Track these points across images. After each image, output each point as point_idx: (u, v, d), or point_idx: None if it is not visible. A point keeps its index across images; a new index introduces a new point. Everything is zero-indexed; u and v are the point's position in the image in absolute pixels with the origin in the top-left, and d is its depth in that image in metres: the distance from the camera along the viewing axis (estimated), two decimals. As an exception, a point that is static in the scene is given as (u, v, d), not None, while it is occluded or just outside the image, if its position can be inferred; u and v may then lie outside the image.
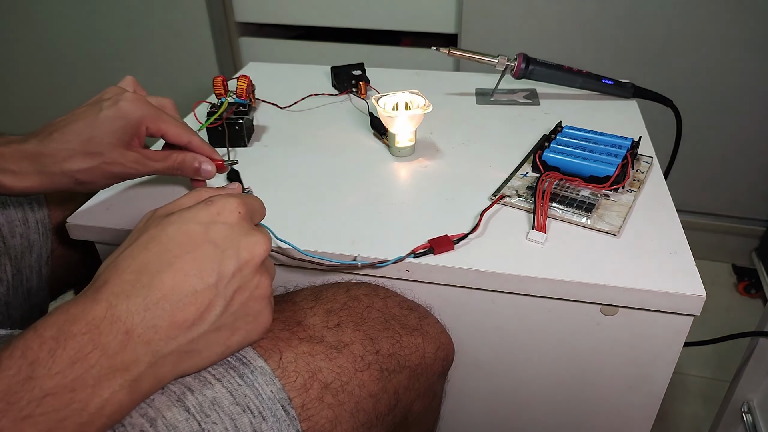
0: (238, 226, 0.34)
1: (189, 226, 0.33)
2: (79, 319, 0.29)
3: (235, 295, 0.33)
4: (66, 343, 0.28)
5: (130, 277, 0.31)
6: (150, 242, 0.32)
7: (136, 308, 0.30)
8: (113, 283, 0.30)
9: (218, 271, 0.32)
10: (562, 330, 0.50)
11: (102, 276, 0.31)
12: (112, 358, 0.29)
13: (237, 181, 0.59)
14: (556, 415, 0.57)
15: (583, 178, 0.56)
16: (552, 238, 0.51)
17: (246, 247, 0.33)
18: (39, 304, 0.58)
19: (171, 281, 0.31)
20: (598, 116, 0.72)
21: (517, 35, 1.20)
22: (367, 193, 0.58)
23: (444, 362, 0.50)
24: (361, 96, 0.78)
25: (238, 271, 0.33)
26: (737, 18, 1.08)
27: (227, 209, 0.34)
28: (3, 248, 0.53)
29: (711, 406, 1.03)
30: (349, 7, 1.30)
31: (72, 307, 0.29)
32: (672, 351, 0.49)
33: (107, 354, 0.28)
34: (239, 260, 0.33)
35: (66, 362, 0.27)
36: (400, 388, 0.44)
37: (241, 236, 0.34)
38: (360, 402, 0.40)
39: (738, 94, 1.15)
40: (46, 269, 0.58)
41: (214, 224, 0.33)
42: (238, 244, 0.33)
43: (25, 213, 0.56)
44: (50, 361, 0.27)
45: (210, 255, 0.32)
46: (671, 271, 0.47)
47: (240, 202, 0.35)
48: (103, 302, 0.29)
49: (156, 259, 0.31)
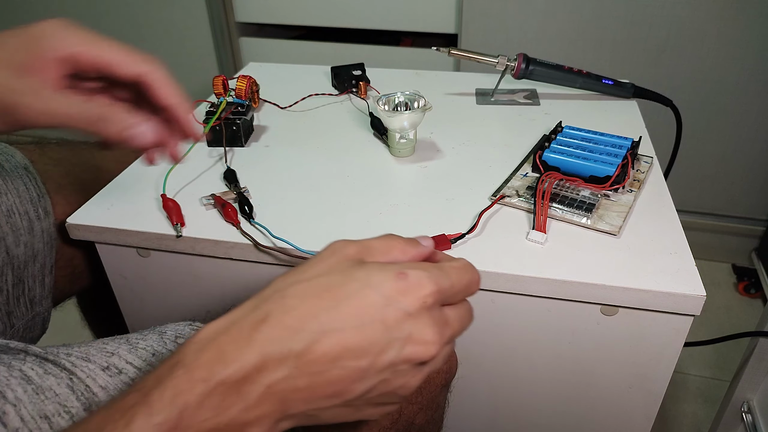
0: (417, 316, 0.29)
1: (370, 294, 0.29)
2: (231, 362, 0.26)
3: (378, 385, 0.29)
4: (215, 390, 0.26)
5: (293, 322, 0.28)
6: (326, 292, 0.29)
7: (286, 362, 0.27)
8: (274, 324, 0.27)
9: (375, 355, 0.28)
10: (562, 330, 0.50)
11: (265, 305, 0.28)
12: (247, 412, 0.27)
13: (233, 180, 0.58)
14: (556, 414, 0.57)
15: (583, 178, 0.56)
16: (552, 238, 0.51)
17: (415, 341, 0.29)
18: (41, 313, 0.58)
19: (327, 348, 0.28)
20: (598, 116, 0.72)
21: (517, 35, 1.20)
22: (367, 193, 0.58)
23: (447, 374, 0.49)
24: (362, 96, 0.78)
25: (393, 364, 0.29)
26: (737, 18, 1.08)
27: (415, 294, 0.29)
28: (6, 258, 0.52)
29: (711, 406, 1.03)
30: (349, 7, 1.30)
31: (225, 344, 0.27)
32: (672, 351, 0.49)
33: (245, 407, 0.26)
34: (400, 354, 0.29)
35: (211, 412, 0.26)
36: (403, 402, 0.44)
37: (415, 328, 0.29)
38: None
39: (738, 94, 1.15)
40: (50, 278, 0.58)
41: (394, 305, 0.29)
42: (409, 334, 0.29)
43: (31, 222, 0.55)
44: (197, 411, 0.25)
45: (375, 338, 0.28)
46: (671, 271, 0.47)
47: (433, 290, 0.29)
48: (257, 346, 0.27)
49: (324, 315, 0.28)
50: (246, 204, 0.54)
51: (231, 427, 0.26)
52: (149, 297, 0.60)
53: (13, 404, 0.33)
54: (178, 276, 0.57)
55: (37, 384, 0.35)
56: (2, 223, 0.52)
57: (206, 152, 0.66)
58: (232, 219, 0.53)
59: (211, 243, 0.52)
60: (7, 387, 0.34)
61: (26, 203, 0.55)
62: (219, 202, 0.55)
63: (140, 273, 0.58)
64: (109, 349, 0.39)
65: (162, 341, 0.40)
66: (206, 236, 0.52)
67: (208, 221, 0.54)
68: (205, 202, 0.56)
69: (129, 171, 0.63)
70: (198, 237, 0.52)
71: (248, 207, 0.54)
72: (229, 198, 0.56)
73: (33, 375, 0.35)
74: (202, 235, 0.52)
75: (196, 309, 0.59)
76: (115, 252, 0.57)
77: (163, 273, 0.57)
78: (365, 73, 0.81)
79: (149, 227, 0.53)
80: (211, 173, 0.61)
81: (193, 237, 0.52)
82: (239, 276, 0.55)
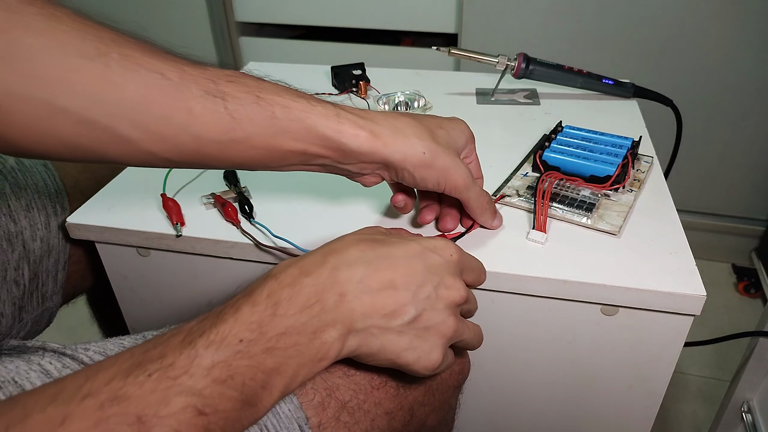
0: (447, 264, 0.37)
1: (410, 243, 0.37)
2: (310, 273, 0.33)
3: (423, 313, 0.35)
4: (300, 292, 0.32)
5: (355, 251, 0.35)
6: (375, 241, 0.36)
7: (353, 278, 0.34)
8: (341, 252, 0.35)
9: (418, 285, 0.35)
10: (562, 330, 0.50)
11: (332, 245, 0.36)
12: (328, 313, 0.32)
13: (234, 180, 0.59)
14: (556, 415, 0.57)
15: (583, 177, 0.56)
16: (552, 238, 0.51)
17: (446, 284, 0.36)
18: (51, 308, 0.58)
19: (384, 270, 0.34)
20: (599, 116, 0.72)
21: (517, 35, 1.20)
22: (367, 192, 0.58)
23: (460, 376, 0.49)
24: (362, 96, 0.78)
25: (432, 298, 0.35)
26: (737, 18, 1.08)
27: (446, 249, 0.37)
28: (23, 252, 0.52)
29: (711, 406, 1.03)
30: (349, 7, 1.30)
31: (304, 264, 0.34)
32: (672, 351, 0.49)
33: (325, 309, 0.32)
34: (437, 290, 0.36)
35: (297, 308, 0.32)
36: (416, 404, 0.43)
37: (447, 273, 0.36)
38: (375, 420, 0.40)
39: (738, 94, 1.15)
40: (62, 274, 0.58)
41: (431, 252, 0.37)
42: (442, 277, 0.36)
43: (48, 217, 0.55)
44: (288, 305, 0.31)
45: (418, 270, 0.35)
46: (671, 271, 0.47)
47: (458, 250, 0.38)
48: (329, 264, 0.34)
49: (378, 247, 0.36)
50: (246, 203, 0.54)
51: (314, 325, 0.32)
52: (149, 296, 0.60)
53: None
54: (178, 275, 0.57)
55: (55, 377, 0.35)
56: (21, 218, 0.52)
57: (206, 152, 0.66)
58: (232, 218, 0.53)
59: (212, 242, 0.52)
60: (27, 380, 0.35)
61: (44, 198, 0.56)
62: (219, 202, 0.55)
63: (140, 272, 0.58)
64: (125, 344, 0.40)
65: None
66: (206, 236, 0.52)
67: (208, 221, 0.54)
68: (205, 201, 0.56)
69: (129, 171, 0.63)
70: (198, 236, 0.52)
71: (248, 206, 0.54)
72: (230, 197, 0.56)
73: (51, 369, 0.36)
74: (203, 235, 0.52)
75: (197, 308, 0.59)
76: (115, 251, 0.57)
77: (163, 272, 0.57)
78: (365, 73, 0.81)
79: (149, 227, 0.53)
80: (211, 173, 0.61)
81: (194, 236, 0.52)
82: (239, 275, 0.55)
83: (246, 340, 0.30)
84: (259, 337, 0.30)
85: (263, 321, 0.31)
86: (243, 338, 0.30)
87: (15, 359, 0.36)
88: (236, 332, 0.30)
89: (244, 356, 0.29)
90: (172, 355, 0.28)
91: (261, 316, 0.31)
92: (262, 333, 0.30)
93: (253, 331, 0.30)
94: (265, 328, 0.30)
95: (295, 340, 0.31)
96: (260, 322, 0.30)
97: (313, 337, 0.32)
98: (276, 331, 0.31)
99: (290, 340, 0.31)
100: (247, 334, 0.30)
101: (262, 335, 0.30)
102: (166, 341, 0.29)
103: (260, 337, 0.30)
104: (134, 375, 0.27)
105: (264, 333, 0.30)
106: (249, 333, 0.30)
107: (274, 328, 0.31)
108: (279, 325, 0.31)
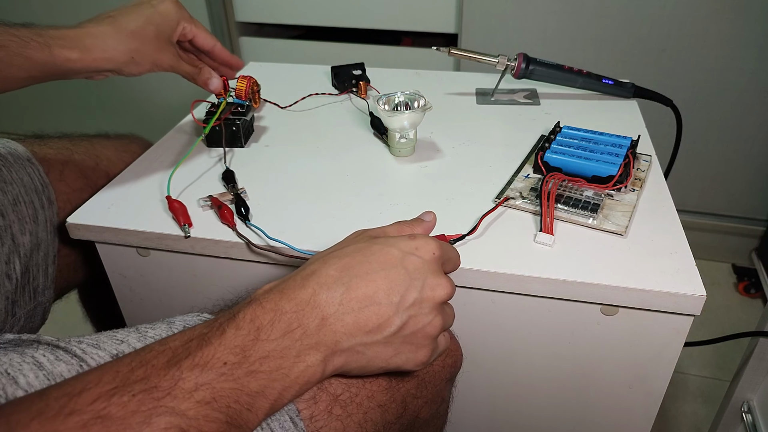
0: (429, 264, 0.37)
1: (390, 249, 0.37)
2: (291, 299, 0.34)
3: (409, 321, 0.36)
4: (281, 318, 0.33)
5: (334, 273, 0.35)
6: (356, 252, 0.37)
7: (333, 300, 0.34)
8: (320, 274, 0.35)
9: (402, 294, 0.35)
10: (562, 330, 0.50)
11: (311, 266, 0.36)
12: (310, 336, 0.33)
13: (232, 181, 0.58)
14: (556, 414, 0.57)
15: (585, 178, 0.56)
16: (557, 239, 0.51)
17: (431, 285, 0.37)
18: (43, 303, 0.58)
19: (364, 288, 0.35)
20: (599, 116, 0.72)
21: (517, 35, 1.20)
22: (367, 193, 0.58)
23: (452, 368, 0.50)
24: (362, 96, 0.78)
25: (418, 302, 0.36)
26: (737, 18, 1.08)
27: (425, 248, 0.38)
28: (13, 246, 0.53)
29: (711, 406, 1.03)
30: (349, 7, 1.30)
31: (285, 288, 0.34)
32: (672, 351, 0.49)
33: (307, 333, 0.33)
34: (422, 293, 0.36)
35: (279, 333, 0.32)
36: (408, 396, 0.44)
37: (429, 274, 0.37)
38: (368, 413, 0.40)
39: (738, 94, 1.15)
40: (53, 268, 0.58)
41: (411, 255, 0.37)
42: (425, 279, 0.36)
43: (36, 211, 0.56)
44: (270, 330, 0.32)
45: (400, 278, 0.36)
46: (671, 271, 0.47)
47: (438, 246, 0.38)
48: (309, 288, 0.34)
49: (357, 265, 0.36)
50: (242, 205, 0.54)
51: (297, 349, 0.33)
52: (149, 296, 0.60)
53: (25, 389, 0.33)
54: (178, 275, 0.57)
55: (48, 370, 0.35)
56: (9, 212, 0.53)
57: (207, 153, 0.66)
58: (227, 221, 0.53)
59: (211, 243, 0.52)
60: (20, 372, 0.35)
61: (31, 193, 0.56)
62: (215, 204, 0.55)
63: (140, 272, 0.58)
64: (119, 337, 0.40)
65: (170, 331, 0.41)
66: (206, 236, 0.52)
67: (208, 221, 0.54)
68: (202, 203, 0.56)
69: (128, 171, 0.63)
70: (198, 237, 0.52)
71: (244, 208, 0.54)
72: (226, 199, 0.55)
73: (44, 361, 0.36)
74: (202, 235, 0.52)
75: (196, 308, 0.59)
76: (115, 251, 0.57)
77: (163, 272, 0.57)
78: (365, 73, 0.81)
79: (149, 227, 0.53)
80: (211, 174, 0.61)
81: (193, 237, 0.52)
82: (239, 275, 0.55)
83: (230, 363, 0.30)
84: (242, 361, 0.31)
85: (246, 345, 0.31)
86: (227, 361, 0.30)
87: (9, 352, 0.36)
88: (220, 356, 0.30)
89: (228, 379, 0.30)
90: (156, 376, 0.29)
91: (244, 341, 0.31)
92: (246, 356, 0.31)
93: (236, 354, 0.31)
94: (248, 351, 0.31)
95: (279, 364, 0.32)
96: (243, 346, 0.31)
97: (296, 360, 0.32)
98: (259, 355, 0.31)
99: (273, 364, 0.32)
100: (230, 357, 0.30)
101: (245, 359, 0.31)
102: (151, 361, 0.30)
103: (243, 360, 0.31)
104: (118, 395, 0.27)
105: (247, 357, 0.31)
106: (233, 356, 0.31)
107: (257, 352, 0.31)
108: (261, 349, 0.31)
